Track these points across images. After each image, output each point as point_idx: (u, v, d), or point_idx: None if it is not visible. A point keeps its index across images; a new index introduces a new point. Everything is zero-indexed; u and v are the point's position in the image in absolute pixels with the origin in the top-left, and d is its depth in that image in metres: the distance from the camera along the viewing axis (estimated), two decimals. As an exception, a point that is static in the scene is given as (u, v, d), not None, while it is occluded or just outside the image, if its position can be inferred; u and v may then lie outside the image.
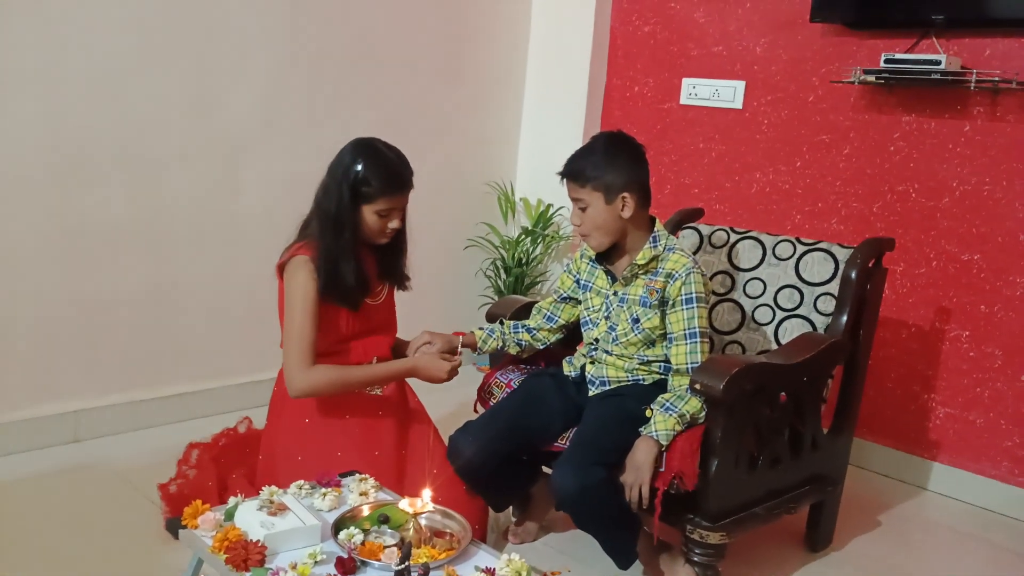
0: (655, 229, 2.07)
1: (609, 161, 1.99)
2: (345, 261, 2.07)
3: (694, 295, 2.01)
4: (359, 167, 2.05)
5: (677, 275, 2.02)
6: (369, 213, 2.08)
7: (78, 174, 2.62)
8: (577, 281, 2.20)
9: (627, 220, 2.01)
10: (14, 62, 2.45)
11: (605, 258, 2.13)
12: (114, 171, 2.69)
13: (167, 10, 2.71)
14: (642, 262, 2.03)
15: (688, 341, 2.01)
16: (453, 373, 2.15)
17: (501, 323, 2.29)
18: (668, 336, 2.05)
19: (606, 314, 2.11)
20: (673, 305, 2.03)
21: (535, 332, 2.27)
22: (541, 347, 2.31)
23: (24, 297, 2.58)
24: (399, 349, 2.27)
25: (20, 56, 2.45)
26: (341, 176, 2.06)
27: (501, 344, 2.26)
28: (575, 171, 2.02)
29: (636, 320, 2.05)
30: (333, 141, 2.16)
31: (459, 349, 2.20)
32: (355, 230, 2.08)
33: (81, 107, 2.59)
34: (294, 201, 2.20)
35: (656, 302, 2.04)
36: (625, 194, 1.99)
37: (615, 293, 2.10)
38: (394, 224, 2.11)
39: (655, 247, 2.04)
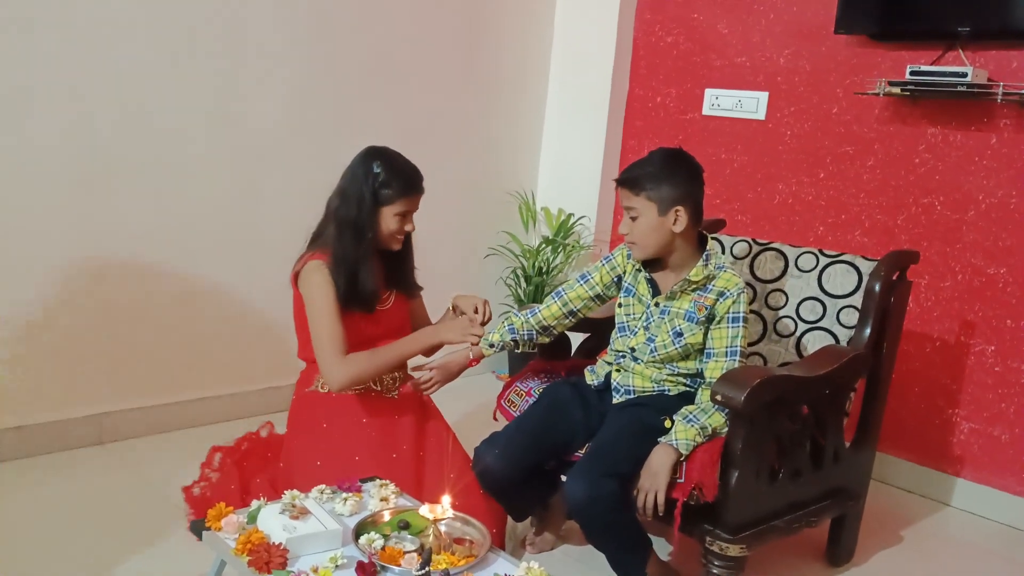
0: (708, 247, 2.07)
1: (667, 174, 1.99)
2: (364, 264, 2.11)
3: (741, 315, 2.03)
4: (378, 170, 2.10)
5: (729, 294, 2.03)
6: (388, 215, 2.12)
7: (104, 184, 2.66)
8: (618, 280, 2.18)
9: (677, 234, 2.01)
10: (42, 73, 2.49)
11: (648, 266, 2.13)
12: (139, 181, 2.73)
13: (192, 22, 2.75)
14: (696, 279, 2.03)
15: (728, 359, 2.03)
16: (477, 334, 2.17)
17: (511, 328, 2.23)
18: (707, 351, 2.05)
19: (646, 324, 2.10)
20: (719, 322, 2.03)
21: (552, 330, 2.23)
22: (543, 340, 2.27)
23: (51, 302, 2.61)
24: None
25: (48, 68, 2.49)
26: (362, 180, 2.11)
27: (512, 342, 2.22)
28: (631, 179, 2.02)
29: (679, 334, 2.05)
30: (355, 150, 2.19)
31: (484, 314, 2.20)
32: (374, 233, 2.12)
33: (107, 118, 2.63)
34: (316, 210, 2.22)
35: (704, 318, 2.04)
36: (678, 208, 1.99)
37: (656, 304, 2.09)
38: (408, 227, 2.17)
39: (706, 265, 2.04)
